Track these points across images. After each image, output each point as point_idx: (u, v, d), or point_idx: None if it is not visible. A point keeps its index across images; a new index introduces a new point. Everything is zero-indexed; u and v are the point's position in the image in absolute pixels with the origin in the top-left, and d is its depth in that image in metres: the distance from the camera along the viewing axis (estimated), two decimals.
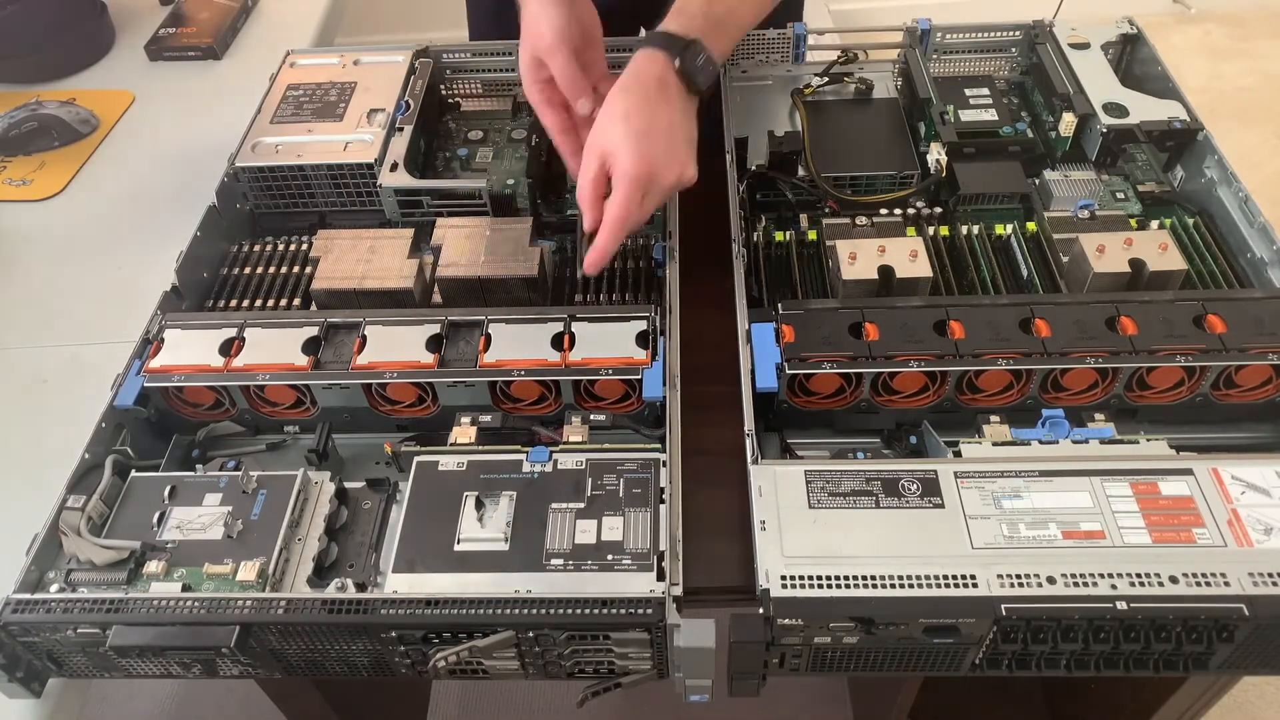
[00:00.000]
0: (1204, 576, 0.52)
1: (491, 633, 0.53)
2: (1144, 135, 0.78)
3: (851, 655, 0.55)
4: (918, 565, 0.53)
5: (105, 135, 0.99)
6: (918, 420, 0.64)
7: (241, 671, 0.58)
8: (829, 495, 0.56)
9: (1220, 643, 0.52)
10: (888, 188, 0.79)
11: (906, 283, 0.68)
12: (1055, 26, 0.88)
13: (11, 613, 0.54)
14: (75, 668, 0.58)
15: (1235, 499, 0.55)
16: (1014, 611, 0.51)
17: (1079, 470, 0.57)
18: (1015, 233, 0.75)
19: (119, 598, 0.55)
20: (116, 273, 0.83)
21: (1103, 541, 0.54)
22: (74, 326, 0.78)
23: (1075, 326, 0.62)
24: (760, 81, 0.91)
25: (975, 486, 0.56)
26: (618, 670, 0.57)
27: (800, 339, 0.63)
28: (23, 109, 1.01)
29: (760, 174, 0.80)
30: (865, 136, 0.84)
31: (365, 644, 0.55)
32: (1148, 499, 0.55)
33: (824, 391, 0.63)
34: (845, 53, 0.90)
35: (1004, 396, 0.63)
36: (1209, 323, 0.62)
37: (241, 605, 0.54)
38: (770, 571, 0.53)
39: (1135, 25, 0.88)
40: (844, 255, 0.70)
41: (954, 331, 0.63)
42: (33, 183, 0.92)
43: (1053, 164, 0.81)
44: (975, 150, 0.80)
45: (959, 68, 0.91)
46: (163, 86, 1.06)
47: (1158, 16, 2.34)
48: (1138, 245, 0.68)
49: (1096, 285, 0.68)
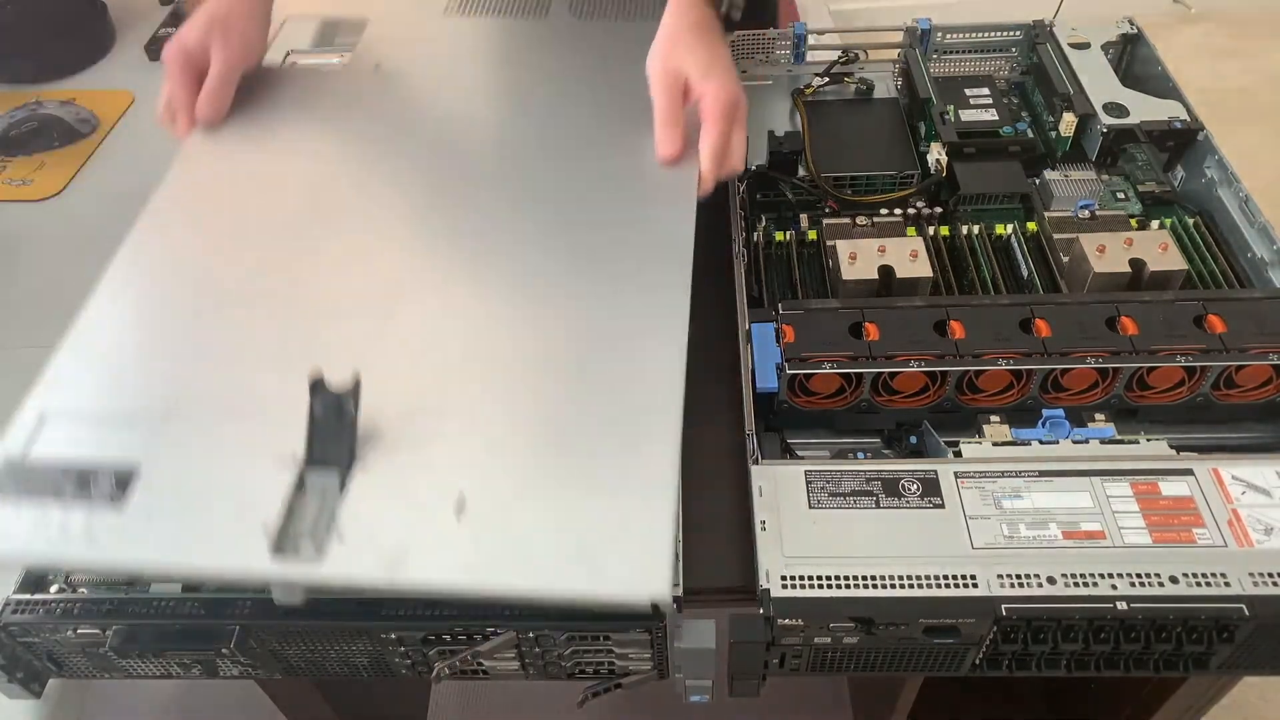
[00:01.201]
0: (1204, 576, 0.52)
1: (493, 634, 0.53)
2: (1144, 135, 0.78)
3: (851, 655, 0.55)
4: (918, 565, 0.53)
5: (105, 135, 0.99)
6: (918, 420, 0.64)
7: (241, 671, 0.58)
8: (829, 495, 0.56)
9: (1220, 643, 0.52)
10: (888, 188, 0.79)
11: (906, 283, 0.68)
12: (1055, 26, 0.88)
13: (12, 613, 0.54)
14: (75, 668, 0.58)
15: (1235, 499, 0.55)
16: (1014, 611, 0.51)
17: (1079, 470, 0.57)
18: (1015, 233, 0.75)
19: (119, 598, 0.55)
20: None
21: (1103, 541, 0.54)
22: None
23: (1075, 326, 0.62)
24: (760, 81, 0.91)
25: (975, 486, 0.56)
26: (618, 670, 0.57)
27: (800, 339, 0.63)
28: (23, 109, 1.01)
29: (760, 174, 0.80)
30: (865, 136, 0.84)
31: (365, 644, 0.55)
32: (1148, 499, 0.55)
33: (824, 392, 0.63)
34: (845, 53, 0.90)
35: (1004, 396, 0.63)
36: (1209, 323, 0.62)
37: (242, 606, 0.54)
38: (770, 571, 0.53)
39: (1135, 25, 0.88)
40: (844, 255, 0.70)
41: (954, 331, 0.63)
42: (33, 183, 0.92)
43: (1053, 164, 0.81)
44: (975, 150, 0.80)
45: (959, 68, 0.91)
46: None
47: (1158, 16, 2.33)
48: (1138, 245, 0.68)
49: (1096, 285, 0.68)
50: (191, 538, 0.50)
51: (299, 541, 0.50)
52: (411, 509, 0.51)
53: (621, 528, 0.50)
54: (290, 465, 0.52)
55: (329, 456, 0.52)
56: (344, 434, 0.53)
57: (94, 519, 0.50)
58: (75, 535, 0.50)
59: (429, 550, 0.49)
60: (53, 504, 0.51)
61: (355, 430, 0.53)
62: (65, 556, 0.51)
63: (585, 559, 0.49)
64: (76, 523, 0.50)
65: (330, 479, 0.52)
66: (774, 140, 0.81)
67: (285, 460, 0.52)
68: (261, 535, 0.49)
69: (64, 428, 0.55)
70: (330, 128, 0.75)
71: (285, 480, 0.52)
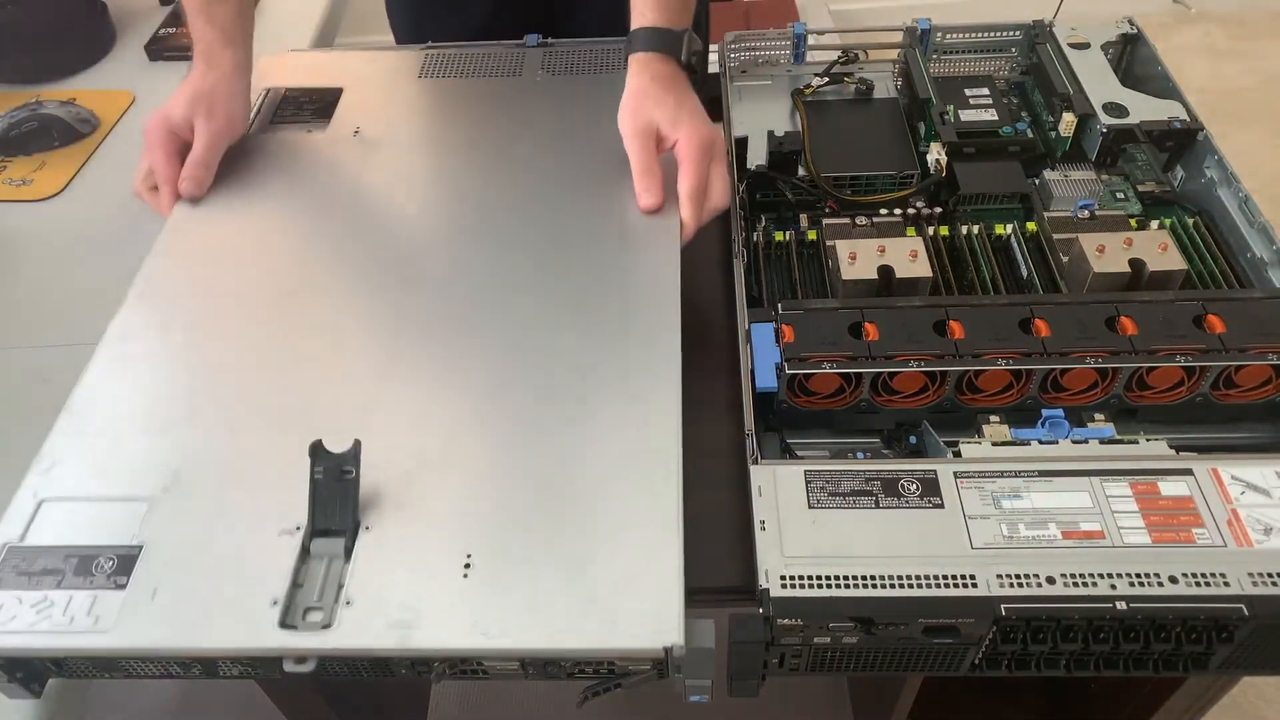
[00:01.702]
0: (1204, 576, 0.52)
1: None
2: (1144, 135, 0.78)
3: (851, 655, 0.55)
4: (917, 565, 0.53)
5: (105, 135, 0.99)
6: (918, 420, 0.64)
7: (242, 672, 0.58)
8: (829, 495, 0.56)
9: (1220, 643, 0.52)
10: (888, 188, 0.79)
11: (906, 283, 0.68)
12: (1055, 26, 0.88)
13: None
14: (75, 668, 0.58)
15: (1235, 499, 0.55)
16: (1014, 611, 0.51)
17: (1079, 470, 0.57)
18: (1015, 233, 0.75)
19: None
20: (116, 273, 0.83)
21: (1102, 541, 0.54)
22: (74, 326, 0.78)
23: (1075, 326, 0.62)
24: (760, 82, 0.91)
25: (975, 486, 0.56)
26: (618, 670, 0.57)
27: (800, 339, 0.63)
28: (23, 109, 1.01)
29: (760, 174, 0.80)
30: (865, 136, 0.84)
31: None
32: (1147, 499, 0.55)
33: (824, 391, 0.63)
34: (845, 53, 0.90)
35: (1004, 396, 0.63)
36: (1209, 323, 0.62)
37: None
38: (770, 571, 0.53)
39: (1135, 25, 0.88)
40: (844, 255, 0.70)
41: (954, 331, 0.63)
42: (33, 183, 0.92)
43: (1053, 164, 0.81)
44: (975, 150, 0.80)
45: (959, 68, 0.91)
46: (163, 86, 1.06)
47: (1158, 16, 2.33)
48: (1138, 245, 0.68)
49: (1096, 285, 0.68)
50: (199, 615, 0.51)
51: (307, 612, 0.50)
52: (419, 570, 0.51)
53: (631, 577, 0.51)
54: (294, 534, 0.53)
55: (333, 522, 0.53)
56: (347, 498, 0.53)
57: (99, 603, 0.51)
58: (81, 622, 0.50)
59: (439, 612, 0.50)
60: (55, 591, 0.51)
61: (358, 494, 0.53)
62: (72, 645, 0.51)
63: (597, 612, 0.49)
64: (81, 608, 0.51)
65: (335, 546, 0.53)
66: (774, 140, 0.81)
67: (289, 529, 0.53)
68: (269, 607, 0.50)
69: (62, 510, 0.55)
70: (315, 193, 0.76)
71: (290, 549, 0.52)
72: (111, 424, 0.60)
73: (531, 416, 0.58)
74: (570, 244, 0.70)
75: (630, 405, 0.58)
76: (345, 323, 0.66)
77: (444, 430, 0.58)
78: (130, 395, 0.62)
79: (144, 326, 0.66)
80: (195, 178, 0.75)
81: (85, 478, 0.57)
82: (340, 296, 0.68)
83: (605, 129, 0.73)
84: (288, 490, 0.54)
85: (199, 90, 0.76)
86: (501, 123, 0.82)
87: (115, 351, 0.64)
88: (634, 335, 0.62)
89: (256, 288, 0.69)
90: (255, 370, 0.63)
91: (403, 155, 0.80)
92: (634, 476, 0.55)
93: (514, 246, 0.70)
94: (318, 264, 0.71)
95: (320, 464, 0.53)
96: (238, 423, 0.60)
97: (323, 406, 0.60)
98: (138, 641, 0.50)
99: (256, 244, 0.72)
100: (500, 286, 0.67)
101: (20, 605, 0.51)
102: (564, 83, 0.86)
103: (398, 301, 0.67)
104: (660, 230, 0.69)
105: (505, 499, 0.54)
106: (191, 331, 0.66)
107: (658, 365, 0.60)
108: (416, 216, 0.74)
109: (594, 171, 0.75)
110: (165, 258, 0.71)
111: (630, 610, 0.49)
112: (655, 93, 0.71)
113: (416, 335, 0.64)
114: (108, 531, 0.54)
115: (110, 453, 0.58)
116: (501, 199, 0.74)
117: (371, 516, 0.54)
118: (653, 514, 0.53)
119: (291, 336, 0.65)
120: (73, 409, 0.61)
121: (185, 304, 0.68)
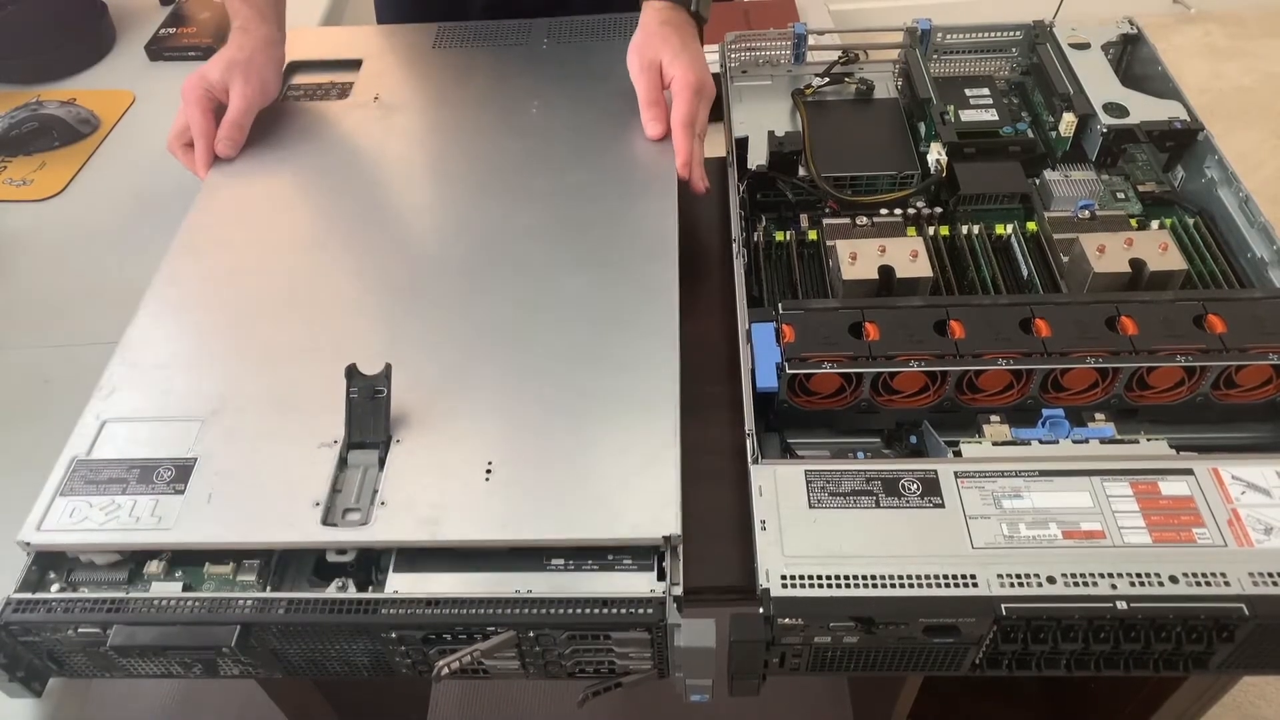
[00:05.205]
0: (1204, 576, 0.52)
1: (492, 633, 0.53)
2: (1144, 135, 0.78)
3: (851, 655, 0.55)
4: (918, 565, 0.53)
5: (105, 135, 0.99)
6: (918, 420, 0.64)
7: (242, 671, 0.58)
8: (829, 495, 0.56)
9: (1220, 642, 0.52)
10: (888, 188, 0.79)
11: (906, 283, 0.68)
12: (1055, 27, 0.88)
13: (12, 612, 0.54)
14: (76, 667, 0.58)
15: (1235, 499, 0.55)
16: (1014, 611, 0.51)
17: (1079, 470, 0.57)
18: (1015, 233, 0.75)
19: (120, 597, 0.55)
20: (116, 273, 0.83)
21: (1103, 541, 0.54)
22: (74, 326, 0.78)
23: (1075, 326, 0.62)
24: (760, 82, 0.91)
25: (975, 486, 0.56)
26: (618, 670, 0.57)
27: (800, 339, 0.63)
28: (23, 109, 1.01)
29: (760, 174, 0.80)
30: (866, 137, 0.84)
31: (366, 644, 0.55)
32: (1148, 499, 0.55)
33: (824, 391, 0.63)
34: (846, 53, 0.90)
35: (1004, 396, 0.63)
36: (1209, 323, 0.62)
37: (242, 605, 0.54)
38: (770, 571, 0.53)
39: (1135, 25, 0.88)
40: (844, 255, 0.70)
41: (954, 331, 0.63)
42: (33, 183, 0.92)
43: (1053, 164, 0.81)
44: (975, 150, 0.80)
45: (959, 68, 0.91)
46: (163, 86, 1.06)
47: (1158, 16, 2.34)
48: (1138, 245, 0.68)
49: (1096, 285, 0.68)
50: (251, 515, 0.56)
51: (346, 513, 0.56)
52: (446, 476, 0.57)
53: (634, 479, 0.56)
54: (332, 447, 0.59)
55: (367, 436, 0.59)
56: (379, 414, 0.59)
57: (160, 506, 0.56)
58: (146, 521, 0.56)
59: (464, 509, 0.55)
60: (121, 496, 0.57)
61: (389, 410, 0.59)
62: (139, 540, 0.56)
63: (604, 508, 0.55)
64: (145, 510, 0.56)
65: (369, 457, 0.59)
66: (774, 140, 0.81)
67: (327, 443, 0.59)
68: (312, 508, 0.56)
69: (123, 429, 0.61)
70: (339, 153, 0.82)
71: (329, 460, 0.58)
72: (162, 357, 0.65)
73: (543, 344, 0.64)
74: (577, 194, 0.75)
75: (632, 332, 0.64)
76: (371, 267, 0.72)
77: (464, 357, 0.64)
78: (178, 333, 0.68)
79: (187, 273, 0.72)
80: (231, 138, 0.79)
81: (141, 402, 0.63)
82: (366, 244, 0.74)
83: (607, 88, 0.83)
84: (325, 411, 0.60)
85: (235, 59, 0.80)
86: (511, 86, 0.88)
87: (163, 295, 0.70)
88: (634, 272, 0.68)
89: (289, 237, 0.75)
90: (291, 308, 0.68)
91: (420, 118, 0.86)
92: (637, 396, 0.61)
93: (525, 197, 0.76)
94: (344, 216, 0.77)
95: (355, 384, 0.59)
96: (277, 354, 0.65)
97: (354, 339, 0.66)
98: (197, 537, 0.55)
99: (287, 199, 0.78)
100: (512, 233, 0.73)
101: (91, 509, 0.57)
102: (570, 49, 0.92)
103: (419, 247, 0.73)
104: (658, 180, 0.75)
105: (521, 416, 0.60)
106: (231, 276, 0.71)
107: (656, 298, 0.66)
108: (434, 171, 0.81)
109: (598, 128, 0.81)
110: (204, 213, 0.77)
111: (633, 506, 0.55)
112: (664, 33, 0.77)
113: (438, 277, 0.70)
114: (165, 446, 0.59)
115: (163, 381, 0.64)
116: (512, 154, 0.80)
117: (401, 431, 0.60)
118: (652, 426, 0.59)
119: (323, 279, 0.71)
120: (128, 344, 0.66)
121: (224, 253, 0.73)
